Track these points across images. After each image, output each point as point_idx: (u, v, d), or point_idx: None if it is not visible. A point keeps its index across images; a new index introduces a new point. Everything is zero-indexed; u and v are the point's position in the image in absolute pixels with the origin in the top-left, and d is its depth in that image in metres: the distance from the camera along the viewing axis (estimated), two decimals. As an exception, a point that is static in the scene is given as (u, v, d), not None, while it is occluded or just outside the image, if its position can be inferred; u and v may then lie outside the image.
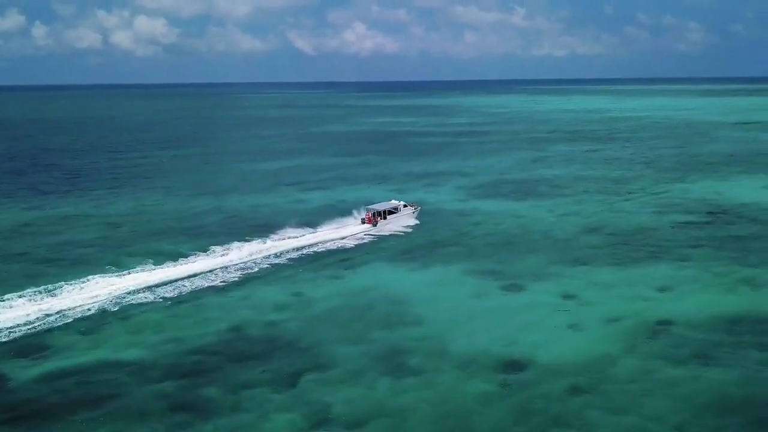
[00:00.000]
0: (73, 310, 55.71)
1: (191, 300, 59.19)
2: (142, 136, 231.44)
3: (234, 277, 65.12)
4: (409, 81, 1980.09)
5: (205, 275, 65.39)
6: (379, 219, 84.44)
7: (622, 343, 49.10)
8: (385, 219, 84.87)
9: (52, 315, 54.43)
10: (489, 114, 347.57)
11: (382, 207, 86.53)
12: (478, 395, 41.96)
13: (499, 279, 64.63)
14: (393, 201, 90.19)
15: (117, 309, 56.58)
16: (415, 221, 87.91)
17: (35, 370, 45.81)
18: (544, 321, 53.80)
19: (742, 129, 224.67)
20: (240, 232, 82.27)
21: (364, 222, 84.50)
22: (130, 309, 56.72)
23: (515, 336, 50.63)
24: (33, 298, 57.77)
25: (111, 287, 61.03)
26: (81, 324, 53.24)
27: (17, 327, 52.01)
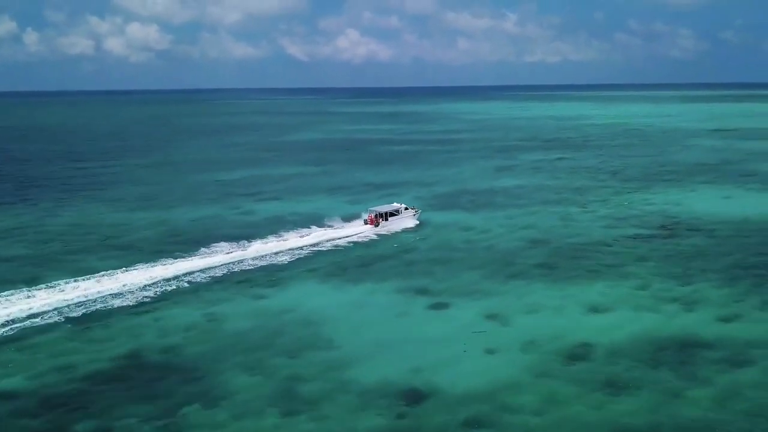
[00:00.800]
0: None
1: (97, 321, 56.31)
2: (106, 144, 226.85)
3: (151, 296, 62.27)
4: (404, 87, 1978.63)
5: (122, 294, 62.56)
6: (381, 220, 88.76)
7: (534, 370, 46.50)
8: (387, 220, 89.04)
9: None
10: (469, 121, 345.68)
11: (384, 209, 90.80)
12: (368, 430, 39.24)
13: (428, 297, 62.03)
14: (395, 204, 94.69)
15: (14, 332, 53.60)
16: (416, 222, 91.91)
17: None
18: (459, 345, 51.14)
19: (718, 136, 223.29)
20: (172, 247, 79.47)
21: (366, 223, 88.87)
22: (28, 332, 53.76)
23: (425, 362, 47.95)
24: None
25: (15, 308, 58.05)
26: (-32, 350, 50.24)
27: None
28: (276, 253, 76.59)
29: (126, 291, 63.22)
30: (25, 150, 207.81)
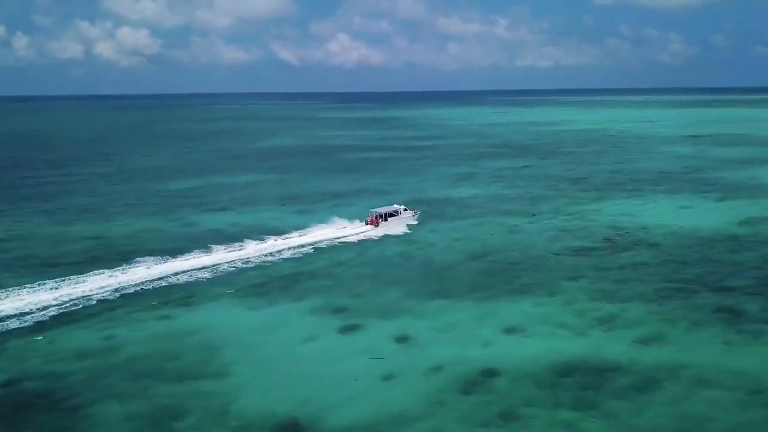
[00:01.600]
0: None
1: (-12, 345, 53.41)
2: (69, 152, 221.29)
3: (53, 316, 59.42)
4: (396, 92, 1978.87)
5: (23, 314, 59.67)
6: (381, 221, 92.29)
7: (427, 400, 43.98)
8: (386, 221, 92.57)
9: None
10: (448, 127, 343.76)
11: (384, 210, 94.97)
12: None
13: (343, 318, 59.46)
14: (395, 205, 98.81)
15: None
16: (415, 222, 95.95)
17: None
18: (358, 371, 48.59)
19: (691, 143, 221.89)
20: (95, 262, 76.81)
21: (367, 223, 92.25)
22: None
23: (315, 391, 45.37)
24: None
25: None
26: None
27: None
28: (201, 269, 73.92)
29: (28, 310, 60.37)
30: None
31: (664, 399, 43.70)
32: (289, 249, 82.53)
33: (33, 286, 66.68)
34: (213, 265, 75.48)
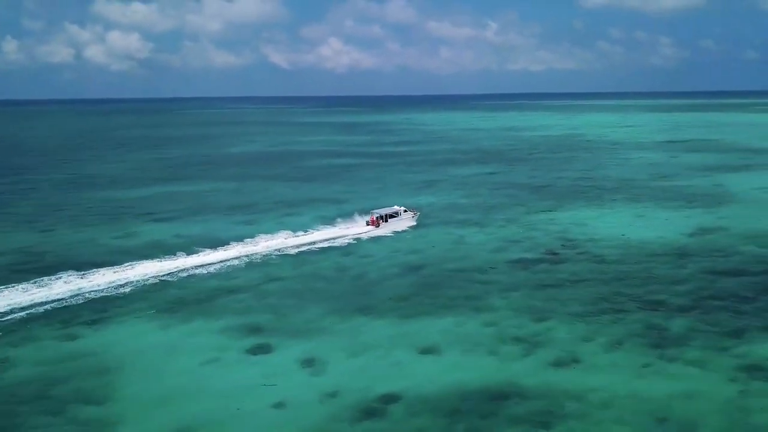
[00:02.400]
0: None
1: None
2: (27, 159, 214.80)
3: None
4: (388, 96, 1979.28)
5: None
6: (382, 222, 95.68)
7: (314, 430, 41.41)
8: (387, 222, 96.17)
9: None
10: (426, 132, 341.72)
11: (385, 211, 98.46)
12: None
13: (255, 338, 56.80)
14: (395, 206, 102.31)
15: None
16: (415, 223, 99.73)
17: None
18: (250, 399, 45.96)
19: (664, 149, 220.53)
20: (12, 276, 73.59)
21: (368, 224, 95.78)
22: None
23: (199, 420, 42.83)
24: None
25: None
26: None
27: None
28: (124, 284, 71.28)
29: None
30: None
31: (563, 427, 41.36)
32: (221, 262, 79.96)
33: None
34: (137, 280, 72.81)
